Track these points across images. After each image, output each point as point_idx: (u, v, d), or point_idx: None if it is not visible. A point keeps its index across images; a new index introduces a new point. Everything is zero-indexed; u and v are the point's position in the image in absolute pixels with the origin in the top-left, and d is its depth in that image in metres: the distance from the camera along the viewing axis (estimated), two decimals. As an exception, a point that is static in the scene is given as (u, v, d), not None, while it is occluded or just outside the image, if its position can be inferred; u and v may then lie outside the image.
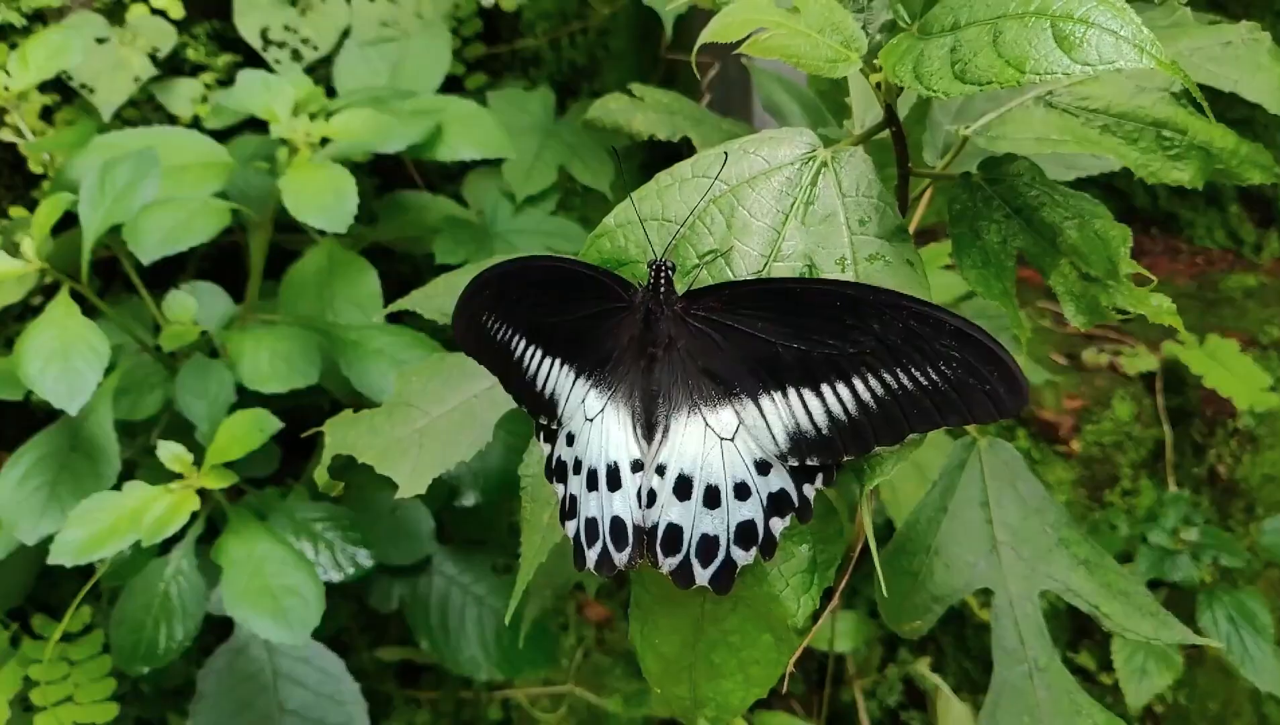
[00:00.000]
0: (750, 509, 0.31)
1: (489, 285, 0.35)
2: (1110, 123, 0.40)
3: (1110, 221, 0.36)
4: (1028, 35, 0.28)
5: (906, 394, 0.29)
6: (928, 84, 0.29)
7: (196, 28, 0.77)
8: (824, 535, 0.33)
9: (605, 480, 0.33)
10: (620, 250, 0.35)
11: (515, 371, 0.35)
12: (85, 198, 0.56)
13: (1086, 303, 0.36)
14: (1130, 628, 0.44)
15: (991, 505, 0.46)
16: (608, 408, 0.34)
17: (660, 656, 0.34)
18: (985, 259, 0.36)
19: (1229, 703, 0.87)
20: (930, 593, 0.45)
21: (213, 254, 0.78)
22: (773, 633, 0.33)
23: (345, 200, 0.58)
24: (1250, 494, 0.89)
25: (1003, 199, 0.37)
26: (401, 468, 0.44)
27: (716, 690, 0.34)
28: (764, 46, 0.32)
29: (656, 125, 0.55)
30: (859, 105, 0.49)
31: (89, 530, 0.52)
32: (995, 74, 0.28)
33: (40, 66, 0.64)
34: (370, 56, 0.76)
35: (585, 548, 0.33)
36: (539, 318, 0.35)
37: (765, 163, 0.34)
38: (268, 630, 0.53)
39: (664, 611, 0.34)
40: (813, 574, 0.33)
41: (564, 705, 0.80)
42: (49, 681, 0.60)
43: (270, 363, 0.60)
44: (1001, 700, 0.44)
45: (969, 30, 0.30)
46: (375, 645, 0.77)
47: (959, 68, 0.29)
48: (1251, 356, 0.86)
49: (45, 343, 0.52)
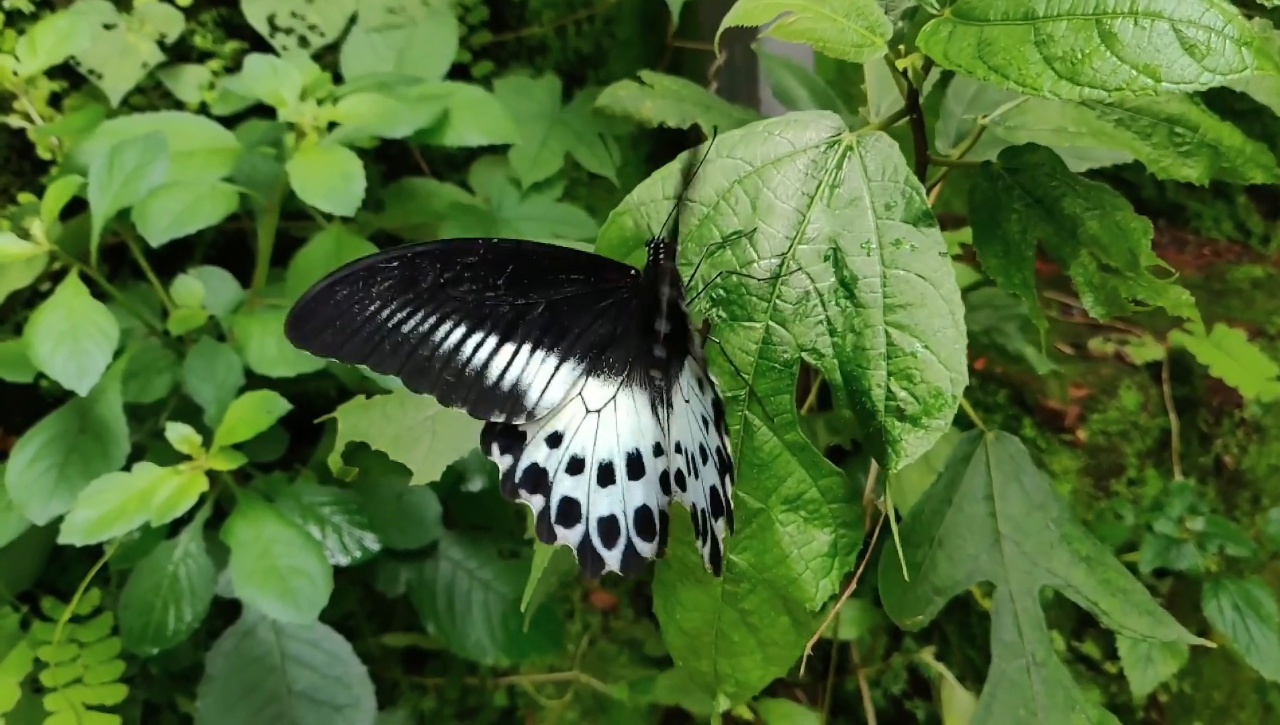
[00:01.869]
0: (711, 476, 0.30)
1: (379, 271, 0.31)
2: (1125, 117, 0.39)
3: (1131, 213, 0.36)
4: (1151, 39, 0.27)
5: None
6: (1026, 81, 0.28)
7: (204, 14, 0.77)
8: (845, 520, 0.33)
9: (625, 470, 0.31)
10: (644, 228, 0.34)
11: (443, 366, 0.31)
12: (94, 180, 0.57)
13: (1106, 294, 0.36)
14: (1128, 625, 0.44)
15: (996, 498, 0.46)
16: (619, 395, 0.32)
17: (683, 631, 0.34)
18: (1006, 248, 0.36)
19: (1234, 692, 0.87)
20: (932, 584, 0.45)
21: (219, 241, 0.79)
22: (791, 615, 0.33)
23: (353, 183, 0.58)
24: (1256, 484, 0.89)
25: (1023, 188, 0.37)
26: (414, 455, 0.43)
27: (735, 668, 0.34)
28: (791, 30, 0.32)
29: (666, 112, 0.55)
30: (875, 92, 0.49)
31: (98, 511, 0.52)
32: (1125, 80, 0.27)
33: (48, 52, 0.64)
34: (377, 43, 0.76)
35: (602, 550, 0.31)
36: (490, 302, 0.31)
37: (790, 145, 0.34)
38: (276, 610, 0.53)
39: (685, 588, 0.34)
40: (833, 558, 0.33)
41: (569, 692, 0.81)
42: (59, 663, 0.61)
43: (278, 347, 0.60)
44: (998, 693, 0.44)
45: (1058, 23, 0.28)
46: (381, 631, 0.78)
47: (1063, 67, 0.27)
48: (1258, 346, 0.86)
49: (55, 324, 0.53)
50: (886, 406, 0.32)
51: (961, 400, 0.31)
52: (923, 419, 0.32)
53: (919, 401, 0.32)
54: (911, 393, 0.32)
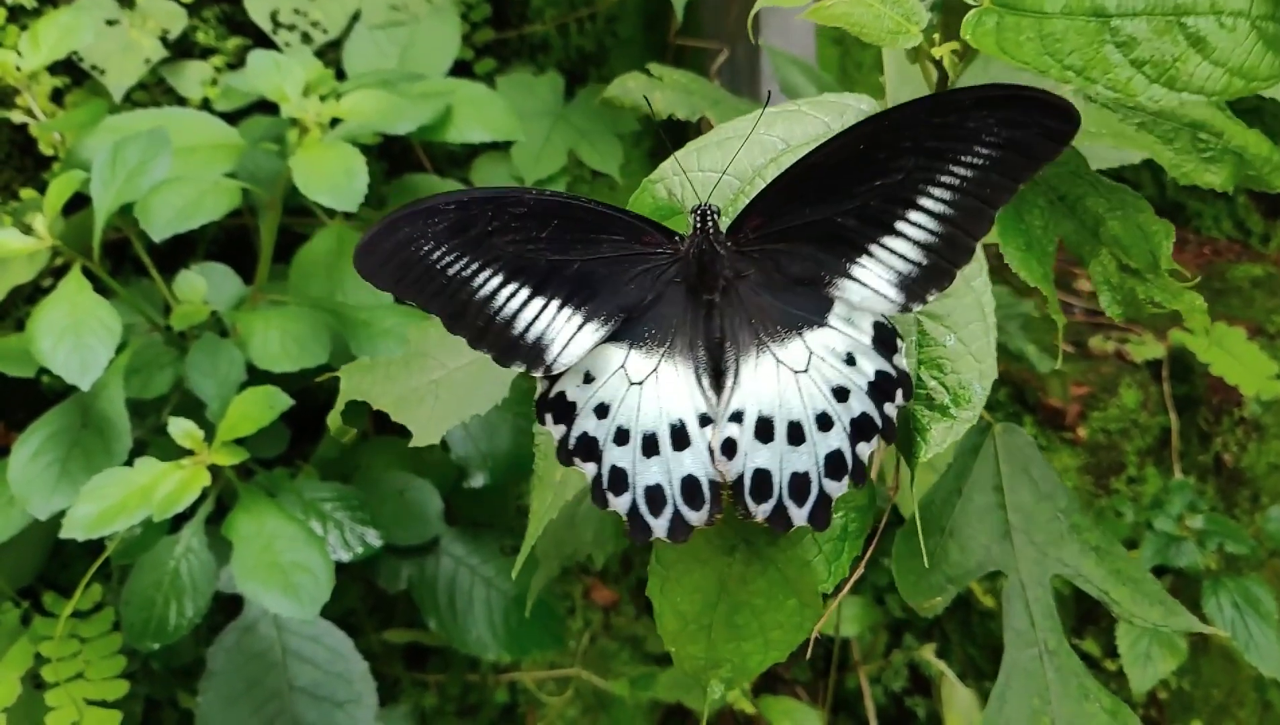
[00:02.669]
0: (836, 438, 0.31)
1: (439, 213, 0.31)
2: (1147, 120, 0.39)
3: (1153, 216, 0.36)
4: (1237, 39, 0.26)
5: (972, 180, 0.29)
6: (1116, 85, 0.27)
7: (206, 11, 0.77)
8: (856, 505, 0.34)
9: (670, 441, 0.32)
10: (676, 197, 0.34)
11: (477, 313, 0.32)
12: (97, 175, 0.57)
13: (1124, 294, 0.36)
14: (1138, 614, 0.44)
15: (1005, 489, 0.46)
16: (661, 366, 0.33)
17: (679, 614, 0.35)
18: (1028, 242, 0.36)
19: (1233, 690, 0.87)
20: (945, 573, 0.45)
21: (221, 237, 0.79)
22: (799, 598, 0.34)
23: (356, 179, 0.58)
24: (1256, 482, 0.89)
25: (1047, 185, 0.37)
26: (417, 416, 0.43)
27: (735, 652, 0.34)
28: (829, 14, 0.32)
29: (675, 104, 0.55)
30: (893, 83, 0.49)
31: (101, 505, 0.52)
32: (1223, 85, 0.26)
33: (51, 47, 0.64)
34: (380, 40, 0.76)
35: (649, 518, 0.32)
36: (530, 254, 0.32)
37: (826, 126, 0.34)
38: (278, 605, 0.53)
39: (686, 569, 0.34)
40: (844, 542, 0.33)
41: (570, 688, 0.81)
42: (60, 658, 0.60)
43: (280, 342, 0.60)
44: (1012, 682, 0.44)
45: (1135, 22, 0.27)
46: (382, 627, 0.78)
47: (1154, 71, 0.27)
48: (1258, 345, 0.86)
49: (58, 319, 0.53)
50: (917, 395, 0.32)
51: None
52: (951, 409, 0.32)
53: (948, 391, 0.32)
54: (941, 382, 0.32)
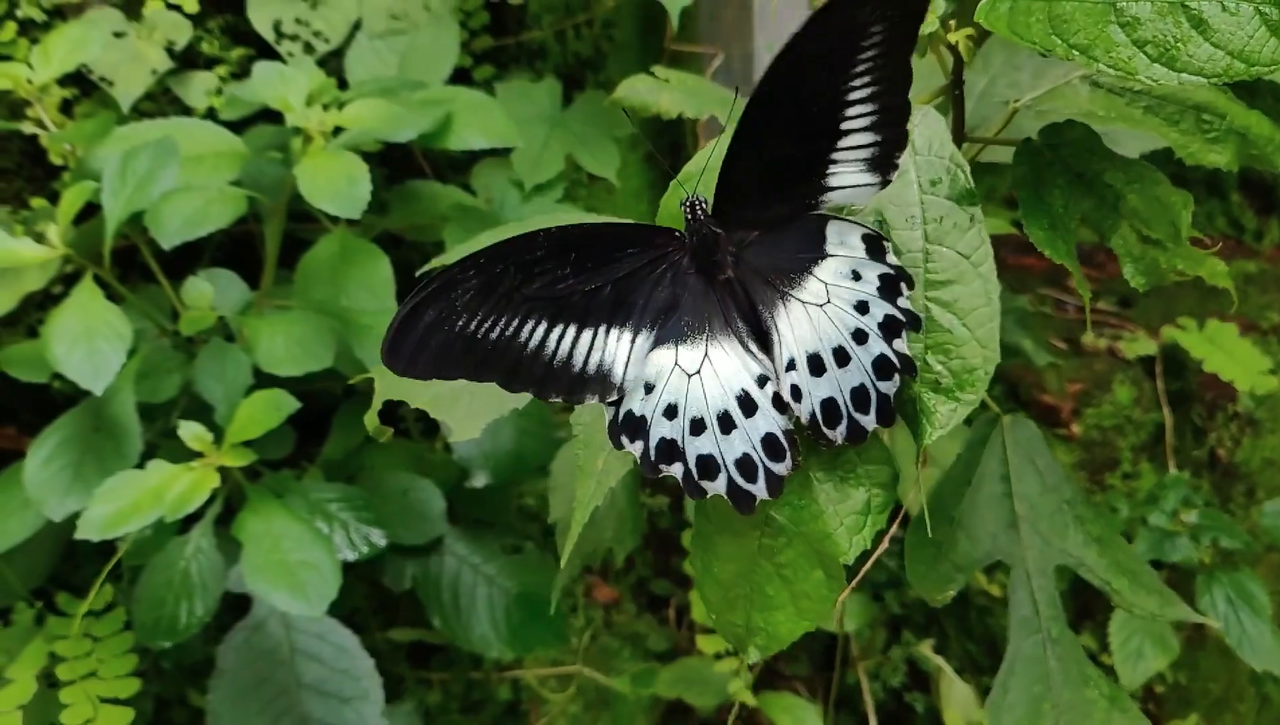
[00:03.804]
0: (876, 346, 0.33)
1: (459, 283, 0.31)
2: (1153, 104, 0.40)
3: (1170, 187, 0.37)
4: (1239, 23, 0.26)
5: (879, 56, 0.30)
6: (1118, 64, 0.28)
7: (211, 22, 0.78)
8: (878, 480, 0.35)
9: (740, 411, 0.33)
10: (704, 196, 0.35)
11: (531, 364, 0.33)
12: (108, 185, 0.58)
13: (1146, 264, 0.37)
14: (1138, 604, 0.45)
15: (1013, 479, 0.47)
16: (710, 351, 0.34)
17: (719, 584, 0.36)
18: (1051, 221, 0.37)
19: (1231, 685, 0.88)
20: (953, 562, 0.46)
21: (227, 243, 0.80)
22: (824, 569, 0.35)
23: (359, 186, 0.60)
24: (1250, 477, 0.90)
25: (1064, 164, 0.38)
26: (454, 412, 0.43)
27: (767, 621, 0.36)
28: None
29: (683, 104, 0.56)
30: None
31: (114, 507, 0.53)
32: (1224, 67, 0.26)
33: (61, 60, 0.66)
34: (380, 49, 0.78)
35: (747, 485, 0.33)
36: (562, 292, 0.33)
37: None
38: (286, 603, 0.54)
39: (723, 541, 0.36)
40: (866, 516, 0.35)
41: (572, 685, 0.82)
42: (74, 657, 0.62)
43: (286, 346, 0.61)
44: (1015, 669, 0.45)
45: (1142, 4, 0.28)
46: (387, 626, 0.79)
47: (1156, 51, 0.27)
48: (1251, 341, 0.87)
49: (71, 325, 0.54)
50: (923, 378, 0.34)
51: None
52: (956, 392, 0.33)
53: (953, 375, 0.33)
54: (947, 366, 0.33)
